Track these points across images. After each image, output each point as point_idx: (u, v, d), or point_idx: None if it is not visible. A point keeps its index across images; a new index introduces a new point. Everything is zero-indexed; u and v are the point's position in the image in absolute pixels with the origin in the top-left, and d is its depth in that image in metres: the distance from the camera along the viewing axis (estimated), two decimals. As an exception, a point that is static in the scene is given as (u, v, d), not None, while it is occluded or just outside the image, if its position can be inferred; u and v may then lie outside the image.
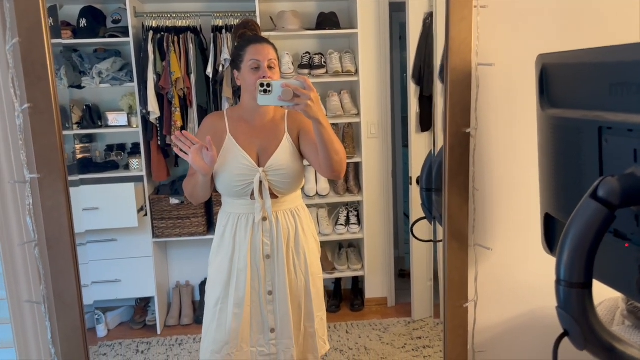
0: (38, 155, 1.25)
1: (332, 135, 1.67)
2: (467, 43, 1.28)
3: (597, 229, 0.68)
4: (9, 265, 1.30)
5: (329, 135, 1.66)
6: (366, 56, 3.20)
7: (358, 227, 3.31)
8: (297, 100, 1.55)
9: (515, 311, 1.45)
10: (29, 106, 1.25)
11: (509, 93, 1.40)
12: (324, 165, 1.72)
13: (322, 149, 1.68)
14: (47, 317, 1.33)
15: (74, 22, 2.95)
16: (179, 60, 2.98)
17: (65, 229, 1.25)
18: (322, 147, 1.68)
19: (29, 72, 1.20)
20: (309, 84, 1.56)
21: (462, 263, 1.38)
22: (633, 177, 0.68)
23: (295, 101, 1.55)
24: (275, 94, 1.55)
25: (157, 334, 3.08)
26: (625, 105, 0.70)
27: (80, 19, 2.94)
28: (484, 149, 1.41)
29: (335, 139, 1.69)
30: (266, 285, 1.82)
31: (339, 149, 1.70)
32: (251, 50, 1.76)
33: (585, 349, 0.72)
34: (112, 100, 3.09)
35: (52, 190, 1.25)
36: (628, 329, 0.90)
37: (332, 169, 1.72)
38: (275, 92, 1.55)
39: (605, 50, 0.75)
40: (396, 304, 3.39)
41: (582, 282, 0.69)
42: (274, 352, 1.85)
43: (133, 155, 3.07)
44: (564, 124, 0.84)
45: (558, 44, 1.11)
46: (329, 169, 1.73)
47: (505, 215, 1.46)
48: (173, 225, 3.12)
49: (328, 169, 1.72)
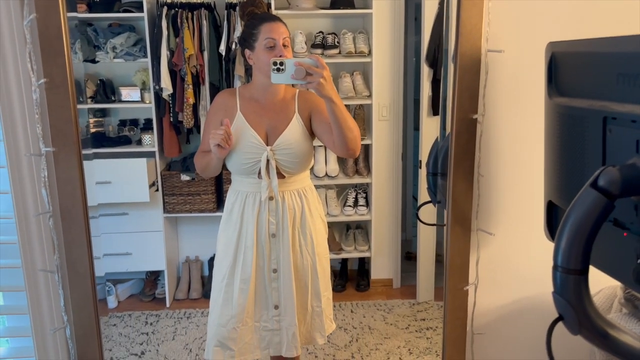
0: (53, 129, 1.28)
1: (345, 113, 1.68)
2: (478, 29, 1.27)
3: (595, 217, 0.70)
4: (24, 235, 1.35)
5: (342, 113, 1.67)
6: (380, 37, 3.17)
7: (366, 209, 3.33)
8: (309, 78, 1.57)
9: (514, 296, 1.47)
10: (45, 81, 1.27)
11: (517, 80, 1.40)
12: (339, 143, 1.74)
13: (335, 127, 1.70)
14: (60, 285, 1.38)
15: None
16: (192, 36, 2.99)
17: (78, 201, 1.29)
18: (335, 125, 1.69)
19: (45, 47, 1.23)
20: (322, 62, 1.58)
21: (464, 247, 1.40)
22: (634, 167, 0.69)
23: (308, 79, 1.57)
24: (288, 72, 1.57)
25: (166, 307, 3.14)
26: (631, 96, 0.70)
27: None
28: (490, 136, 1.42)
29: (349, 117, 1.70)
30: (271, 263, 1.86)
31: (352, 126, 1.71)
32: (266, 29, 1.76)
33: (580, 333, 0.74)
34: (125, 75, 3.11)
35: (66, 163, 1.28)
36: (625, 317, 0.92)
37: (347, 147, 1.73)
38: (288, 70, 1.57)
39: (614, 41, 0.75)
40: (401, 285, 3.42)
41: (579, 269, 0.71)
42: (277, 328, 1.90)
43: (145, 131, 3.10)
44: (570, 113, 0.84)
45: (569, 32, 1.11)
46: (343, 147, 1.74)
47: (509, 202, 1.47)
48: (183, 201, 3.17)
49: (343, 147, 1.74)
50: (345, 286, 3.39)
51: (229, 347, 1.84)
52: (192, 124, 3.04)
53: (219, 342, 1.85)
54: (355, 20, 3.33)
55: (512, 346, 1.53)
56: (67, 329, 1.38)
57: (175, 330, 2.89)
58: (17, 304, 1.40)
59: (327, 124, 1.77)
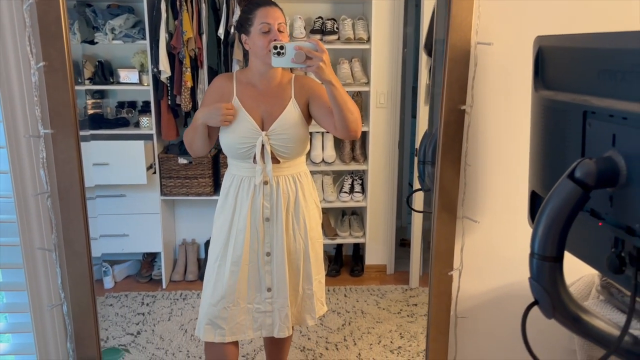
0: (52, 111, 1.30)
1: (345, 96, 1.71)
2: (468, 21, 1.29)
3: (571, 207, 0.72)
4: (22, 215, 1.38)
5: (342, 96, 1.70)
6: (379, 24, 3.17)
7: (362, 196, 3.36)
8: (309, 62, 1.60)
9: (497, 281, 1.52)
10: (44, 64, 1.30)
11: (506, 73, 1.42)
12: (340, 126, 1.76)
13: (336, 109, 1.72)
14: (58, 263, 1.42)
15: (88, -23, 2.95)
16: (191, 19, 2.98)
17: (76, 181, 1.32)
18: (336, 108, 1.71)
19: (44, 31, 1.24)
20: (322, 46, 1.60)
21: (449, 233, 1.44)
22: (609, 160, 0.72)
23: (307, 63, 1.60)
24: (288, 56, 1.59)
25: (162, 288, 3.18)
26: (610, 91, 0.73)
27: (94, -26, 2.94)
28: (478, 126, 1.44)
29: (349, 99, 1.73)
30: (264, 246, 1.89)
31: (352, 108, 1.74)
32: (261, 14, 1.77)
33: (554, 317, 0.77)
34: (124, 57, 3.11)
35: (64, 144, 1.31)
36: (601, 303, 0.96)
37: (348, 129, 1.76)
38: (288, 54, 1.59)
39: (596, 37, 0.77)
40: (395, 271, 3.46)
41: (554, 256, 0.74)
42: (270, 310, 1.94)
43: (143, 114, 3.11)
44: (554, 106, 0.87)
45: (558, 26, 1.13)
46: (345, 129, 1.77)
47: (494, 191, 1.50)
48: (181, 185, 3.19)
49: (344, 129, 1.76)
50: (339, 271, 3.43)
51: (220, 325, 1.88)
52: (189, 107, 3.05)
53: (209, 321, 1.89)
54: (355, 6, 3.33)
55: (494, 330, 1.58)
56: (64, 305, 1.42)
57: (171, 311, 2.93)
58: (15, 280, 1.43)
59: (327, 108, 1.80)
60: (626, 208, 0.72)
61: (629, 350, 0.81)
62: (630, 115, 0.69)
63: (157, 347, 2.60)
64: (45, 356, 1.54)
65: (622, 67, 0.70)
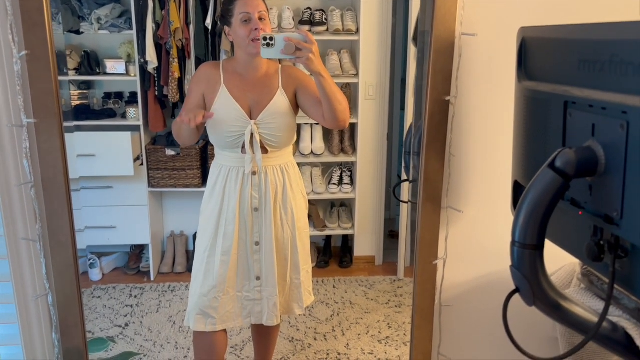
0: (35, 100, 1.29)
1: (333, 86, 1.72)
2: (452, 12, 1.30)
3: (551, 196, 0.74)
4: (6, 205, 1.37)
5: (331, 87, 1.71)
6: (368, 15, 3.17)
7: (350, 187, 3.37)
8: (299, 53, 1.60)
9: (481, 270, 1.54)
10: (26, 53, 1.28)
11: (490, 64, 1.43)
12: (329, 116, 1.77)
13: (325, 100, 1.73)
14: (42, 254, 1.41)
15: (74, -35, 2.91)
16: (178, 9, 2.96)
17: (60, 171, 1.31)
18: (325, 98, 1.72)
19: (26, 19, 1.23)
20: (311, 37, 1.61)
21: (434, 223, 1.46)
22: (589, 150, 0.73)
23: (297, 54, 1.60)
24: (278, 47, 1.59)
25: (151, 280, 3.18)
26: (590, 81, 0.74)
27: (79, -38, 2.90)
28: (462, 117, 1.46)
29: (337, 90, 1.74)
30: (253, 236, 1.90)
31: (341, 98, 1.75)
32: (241, 3, 1.77)
33: (534, 305, 0.79)
34: (110, 47, 3.08)
35: (47, 134, 1.30)
36: (581, 291, 0.97)
37: (337, 119, 1.77)
38: (278, 45, 1.59)
39: (577, 28, 0.78)
40: (383, 262, 3.48)
41: (535, 244, 0.75)
42: (259, 298, 1.95)
43: (130, 104, 3.09)
44: (536, 97, 0.88)
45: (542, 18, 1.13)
46: (334, 120, 1.78)
47: (479, 181, 1.52)
48: (169, 176, 3.17)
49: (333, 119, 1.78)
50: (328, 262, 3.45)
51: (211, 315, 1.89)
52: (177, 98, 3.03)
53: (200, 311, 1.89)
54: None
55: (478, 318, 1.60)
56: (49, 296, 1.42)
57: (159, 303, 2.93)
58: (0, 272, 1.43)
59: (315, 99, 1.81)
60: (605, 197, 0.73)
61: (607, 336, 0.83)
62: (609, 106, 0.70)
63: (146, 339, 2.60)
64: (31, 346, 1.54)
65: (601, 57, 0.71)
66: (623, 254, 0.72)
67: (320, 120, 1.84)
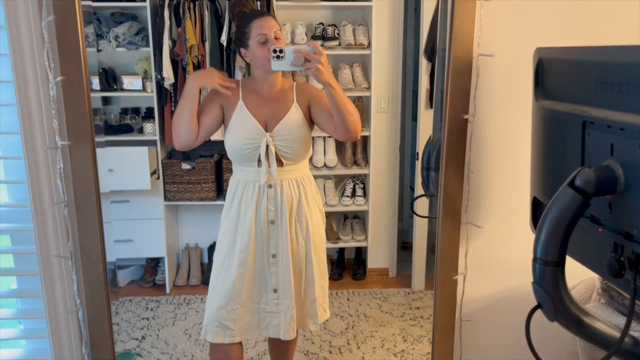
0: (69, 123, 1.34)
1: (344, 97, 1.75)
2: (470, 34, 1.33)
3: (572, 214, 0.76)
4: (40, 224, 1.41)
5: (341, 97, 1.74)
6: (379, 29, 3.20)
7: (363, 199, 3.39)
8: (308, 64, 1.65)
9: (501, 286, 1.55)
10: (61, 79, 1.34)
11: (507, 83, 1.46)
12: (340, 128, 1.80)
13: (336, 111, 1.76)
14: (74, 270, 1.45)
15: (92, -15, 2.98)
16: (194, 27, 3.02)
17: (92, 191, 1.35)
18: (335, 109, 1.76)
19: (62, 47, 1.28)
20: (319, 49, 1.65)
21: (454, 239, 1.47)
22: (608, 169, 0.75)
23: (306, 65, 1.65)
24: (287, 59, 1.64)
25: (166, 293, 3.20)
26: (607, 102, 0.76)
27: (98, -18, 2.97)
28: (480, 135, 1.48)
29: (347, 100, 1.77)
30: (270, 248, 1.93)
31: (352, 109, 1.78)
32: (256, 25, 1.82)
33: (556, 320, 0.80)
34: (127, 64, 3.14)
35: (80, 155, 1.35)
36: (602, 306, 0.98)
37: (348, 130, 1.80)
38: (287, 57, 1.64)
39: (594, 50, 0.80)
40: (397, 275, 3.48)
41: (556, 261, 0.77)
42: (276, 311, 1.97)
43: (147, 120, 3.14)
44: (554, 116, 0.90)
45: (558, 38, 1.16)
46: (345, 131, 1.80)
47: (497, 197, 1.54)
48: (184, 190, 3.21)
49: (344, 130, 1.80)
50: (342, 275, 3.45)
51: (229, 327, 1.92)
52: (193, 113, 3.08)
53: (219, 324, 1.92)
54: (355, 12, 3.36)
55: (498, 332, 1.61)
56: (79, 311, 1.46)
57: (175, 316, 2.95)
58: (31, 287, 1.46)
59: (327, 112, 1.84)
60: (624, 215, 0.75)
61: (629, 351, 0.84)
62: (627, 126, 0.72)
63: (162, 352, 2.62)
64: (61, 360, 1.57)
65: (618, 79, 0.73)
66: (644, 271, 0.73)
67: (332, 133, 1.87)
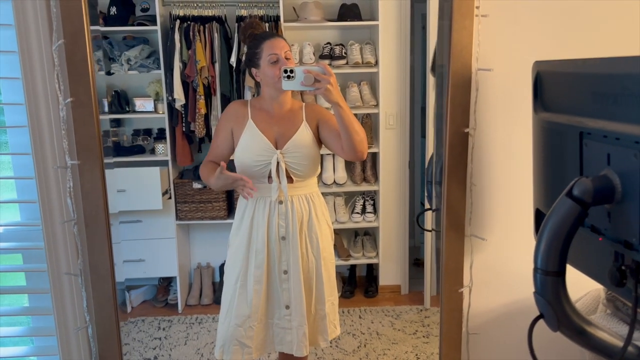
0: (79, 143, 1.39)
1: (351, 117, 1.79)
2: (468, 49, 1.36)
3: (570, 224, 0.76)
4: (50, 241, 1.45)
5: (349, 117, 1.77)
6: (386, 48, 3.24)
7: (374, 216, 3.39)
8: (318, 85, 1.69)
9: (507, 298, 1.55)
10: (71, 100, 1.38)
11: (507, 96, 1.48)
12: (347, 147, 1.83)
13: (343, 130, 1.79)
14: (83, 287, 1.48)
15: (105, 10, 3.07)
16: (204, 49, 3.08)
17: (101, 209, 1.39)
18: (343, 128, 1.79)
19: (72, 70, 1.34)
20: (329, 69, 1.69)
21: (458, 251, 1.48)
22: (605, 178, 0.76)
23: (316, 85, 1.68)
24: (298, 79, 1.68)
25: (178, 313, 3.20)
26: (603, 113, 0.77)
27: (110, 7, 3.05)
28: (482, 148, 1.49)
29: (355, 120, 1.80)
30: (281, 264, 1.94)
31: (359, 129, 1.81)
32: (267, 46, 1.87)
33: (559, 330, 0.80)
34: (139, 86, 3.21)
35: (90, 174, 1.39)
36: (607, 316, 0.98)
37: (354, 150, 1.83)
38: (298, 77, 1.68)
39: (590, 62, 0.82)
40: (409, 291, 3.45)
41: (557, 271, 0.77)
42: (289, 327, 1.97)
43: (159, 140, 3.19)
44: (552, 127, 0.91)
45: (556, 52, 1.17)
46: (351, 150, 1.83)
47: (500, 209, 1.55)
48: (195, 209, 3.24)
49: (351, 150, 1.83)
50: (353, 292, 3.43)
51: (247, 345, 1.92)
52: (203, 133, 3.13)
53: (237, 342, 1.92)
54: (362, 31, 3.41)
55: (505, 345, 1.60)
56: (89, 328, 1.48)
57: (187, 335, 2.96)
58: (42, 304, 1.49)
59: (335, 132, 1.88)
60: (623, 223, 0.75)
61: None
62: (623, 136, 0.73)
63: (175, 371, 2.63)
64: (71, 377, 1.58)
65: (614, 90, 0.75)
66: (645, 279, 0.73)
67: (339, 152, 1.90)
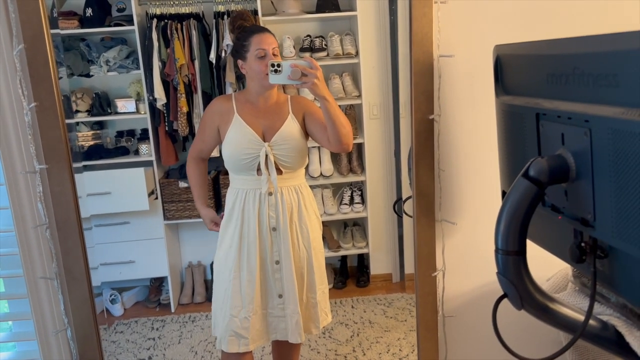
0: (45, 147, 1.39)
1: (337, 110, 1.81)
2: (429, 37, 1.36)
3: (528, 204, 0.77)
4: (24, 246, 1.45)
5: (335, 110, 1.79)
6: (366, 38, 3.24)
7: (362, 206, 3.40)
8: (304, 79, 1.70)
9: (480, 280, 1.57)
10: (35, 105, 1.38)
11: (469, 81, 1.49)
12: (333, 139, 1.85)
13: (329, 123, 1.81)
14: (60, 291, 1.48)
15: (81, 12, 3.04)
16: (182, 46, 3.06)
17: (72, 212, 1.39)
18: (329, 121, 1.81)
19: (34, 74, 1.34)
20: (315, 64, 1.71)
21: (429, 236, 1.50)
22: (560, 157, 0.77)
23: (303, 80, 1.70)
24: (285, 73, 1.69)
25: (171, 312, 3.20)
26: (557, 93, 0.78)
27: (86, 9, 3.02)
28: (449, 134, 1.51)
29: (341, 113, 1.83)
30: (273, 255, 1.96)
31: (344, 122, 1.83)
32: (256, 40, 1.87)
33: (523, 308, 0.82)
34: (120, 87, 3.18)
35: (59, 178, 1.39)
36: (575, 293, 0.99)
37: (340, 142, 1.85)
38: (285, 71, 1.69)
39: (544, 44, 0.83)
40: (401, 279, 3.48)
41: (517, 250, 0.79)
42: (282, 315, 2.00)
43: (142, 141, 3.18)
44: (512, 110, 0.92)
45: (517, 36, 1.18)
46: (337, 143, 1.85)
47: (470, 193, 1.56)
48: (183, 208, 3.24)
49: (337, 142, 1.85)
50: (345, 283, 3.45)
51: (243, 336, 1.94)
52: (187, 131, 3.12)
53: (233, 333, 1.94)
54: (342, 22, 3.40)
55: (481, 327, 1.61)
56: (68, 330, 1.49)
57: (180, 334, 2.96)
58: (20, 310, 1.50)
59: (321, 124, 1.90)
60: (579, 201, 0.76)
61: (598, 335, 0.85)
62: (574, 115, 0.74)
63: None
64: (54, 381, 1.59)
65: (565, 70, 0.75)
66: (603, 254, 0.74)
67: (325, 144, 1.92)
